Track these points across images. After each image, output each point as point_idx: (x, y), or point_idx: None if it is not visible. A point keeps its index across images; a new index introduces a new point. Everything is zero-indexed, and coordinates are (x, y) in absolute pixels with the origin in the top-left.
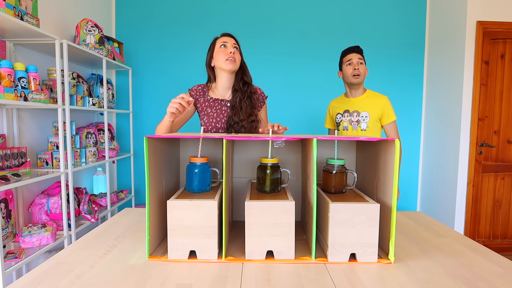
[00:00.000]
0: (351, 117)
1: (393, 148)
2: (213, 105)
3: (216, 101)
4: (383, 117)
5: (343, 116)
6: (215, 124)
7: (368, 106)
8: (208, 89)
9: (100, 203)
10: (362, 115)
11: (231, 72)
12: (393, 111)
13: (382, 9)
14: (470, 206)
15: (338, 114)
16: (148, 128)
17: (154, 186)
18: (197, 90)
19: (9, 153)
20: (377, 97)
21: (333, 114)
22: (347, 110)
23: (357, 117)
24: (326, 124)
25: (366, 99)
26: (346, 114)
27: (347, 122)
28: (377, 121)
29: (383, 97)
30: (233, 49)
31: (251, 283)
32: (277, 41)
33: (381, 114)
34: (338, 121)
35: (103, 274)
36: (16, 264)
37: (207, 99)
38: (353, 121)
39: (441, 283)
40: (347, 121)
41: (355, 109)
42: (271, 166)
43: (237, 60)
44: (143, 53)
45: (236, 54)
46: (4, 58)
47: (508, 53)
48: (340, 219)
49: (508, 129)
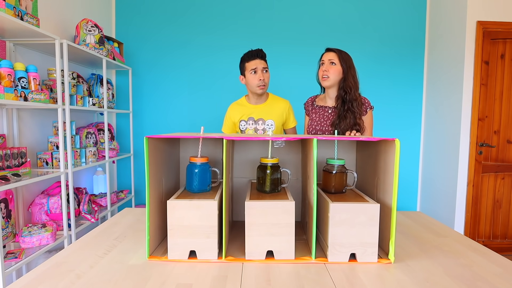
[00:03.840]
0: (256, 125)
1: (393, 148)
2: (318, 111)
3: (321, 108)
4: (286, 122)
5: (248, 124)
6: (315, 126)
7: (272, 114)
8: (316, 98)
9: (100, 203)
10: (268, 123)
11: (330, 88)
12: (294, 116)
13: (382, 8)
14: (470, 206)
15: (242, 121)
16: (148, 128)
17: (154, 186)
18: (308, 102)
19: (9, 153)
20: (280, 102)
21: (235, 120)
22: (251, 117)
23: (262, 125)
24: (224, 129)
25: (269, 105)
26: (251, 121)
27: (253, 131)
28: (281, 128)
29: (286, 102)
30: (328, 66)
31: (251, 283)
32: (277, 41)
33: (284, 120)
34: (243, 128)
35: (103, 274)
36: (16, 264)
37: (314, 107)
38: (258, 130)
39: (441, 283)
40: (252, 129)
41: (260, 117)
42: (271, 166)
43: (331, 76)
44: (143, 53)
45: (331, 70)
46: (4, 58)
47: (508, 53)
48: (340, 219)
49: (508, 129)
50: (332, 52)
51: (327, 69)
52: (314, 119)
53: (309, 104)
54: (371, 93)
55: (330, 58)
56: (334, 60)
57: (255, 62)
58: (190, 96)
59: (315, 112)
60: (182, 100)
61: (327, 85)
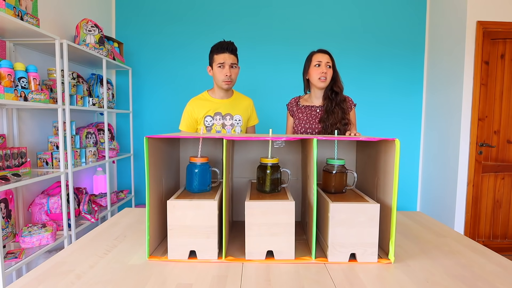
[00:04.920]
0: (224, 120)
1: (393, 148)
2: (304, 111)
3: (308, 108)
4: (250, 119)
5: (214, 119)
6: (304, 125)
7: (239, 109)
8: (300, 99)
9: (100, 203)
10: (236, 119)
11: (322, 89)
12: (256, 115)
13: (382, 8)
14: (470, 206)
15: (208, 117)
16: (148, 128)
17: (154, 186)
18: (291, 103)
19: (9, 153)
20: (244, 99)
21: (199, 116)
22: (218, 112)
23: (230, 120)
24: (183, 127)
25: (235, 100)
26: (218, 117)
27: (220, 126)
28: (246, 124)
29: (250, 99)
30: (326, 68)
31: (251, 283)
32: (277, 40)
33: (249, 117)
34: (208, 124)
35: (103, 274)
36: (16, 264)
37: (299, 107)
38: (226, 125)
39: (441, 283)
40: (220, 125)
41: (227, 111)
42: (271, 166)
43: (328, 78)
44: (143, 53)
45: (329, 72)
46: (4, 58)
47: (508, 53)
48: (340, 219)
49: (508, 129)
50: (327, 55)
51: (325, 71)
52: (301, 119)
53: (293, 105)
54: (371, 93)
55: (327, 61)
56: (330, 63)
57: (224, 56)
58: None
59: (302, 112)
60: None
61: (323, 86)
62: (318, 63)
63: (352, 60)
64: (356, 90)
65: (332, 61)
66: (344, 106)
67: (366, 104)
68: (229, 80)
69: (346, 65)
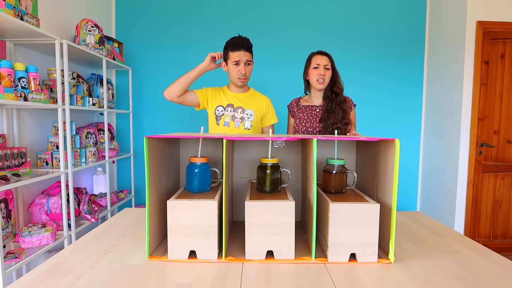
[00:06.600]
0: (234, 112)
1: (393, 148)
2: (304, 110)
3: (308, 108)
4: (266, 118)
5: (226, 110)
6: (304, 124)
7: (252, 104)
8: (300, 100)
9: (100, 203)
10: (247, 113)
11: (321, 90)
12: (275, 114)
13: (382, 8)
14: (470, 206)
15: (219, 107)
16: (148, 128)
17: (154, 186)
18: (292, 104)
19: (9, 153)
20: (261, 97)
21: (213, 102)
22: (230, 104)
23: (241, 114)
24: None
25: (251, 96)
26: (230, 108)
27: (230, 118)
28: (260, 121)
29: (267, 98)
30: (324, 70)
31: (251, 283)
32: (277, 41)
33: (264, 115)
34: (219, 114)
35: (103, 274)
36: (16, 264)
37: (300, 107)
38: (236, 118)
39: (441, 283)
40: (230, 116)
41: (239, 105)
42: (271, 166)
43: (326, 80)
44: (143, 53)
45: (327, 74)
46: (4, 58)
47: (508, 53)
48: (340, 219)
49: (508, 129)
50: (326, 57)
51: (323, 73)
52: (302, 118)
53: (294, 106)
54: (371, 93)
55: (325, 64)
56: (328, 65)
57: (239, 53)
58: None
59: (302, 111)
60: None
61: (321, 88)
62: (317, 65)
63: (352, 60)
64: (356, 90)
65: (331, 63)
66: (344, 107)
67: (366, 104)
68: (244, 78)
69: (346, 66)
